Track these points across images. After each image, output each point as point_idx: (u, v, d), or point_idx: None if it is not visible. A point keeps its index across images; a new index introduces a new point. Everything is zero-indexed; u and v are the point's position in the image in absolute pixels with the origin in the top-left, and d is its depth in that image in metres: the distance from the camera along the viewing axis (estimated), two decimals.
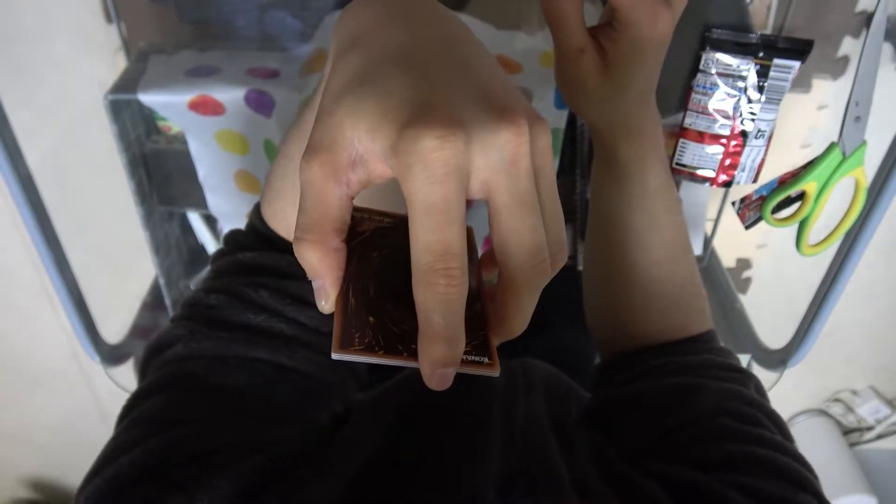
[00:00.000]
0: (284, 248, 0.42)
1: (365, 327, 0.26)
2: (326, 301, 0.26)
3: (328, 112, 0.24)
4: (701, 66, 0.58)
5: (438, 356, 0.24)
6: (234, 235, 0.45)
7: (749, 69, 0.56)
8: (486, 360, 0.27)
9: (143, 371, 0.40)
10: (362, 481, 0.34)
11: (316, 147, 0.24)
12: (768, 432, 0.41)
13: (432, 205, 0.22)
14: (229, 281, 0.40)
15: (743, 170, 0.60)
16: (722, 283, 0.86)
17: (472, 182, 0.23)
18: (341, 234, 0.25)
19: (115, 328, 0.77)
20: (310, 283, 0.41)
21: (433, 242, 0.22)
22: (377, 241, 0.30)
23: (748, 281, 1.32)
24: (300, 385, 0.38)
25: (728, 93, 0.57)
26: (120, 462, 0.31)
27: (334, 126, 0.24)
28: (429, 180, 0.22)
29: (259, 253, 0.41)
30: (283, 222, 0.42)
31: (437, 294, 0.22)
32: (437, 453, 0.38)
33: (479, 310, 0.28)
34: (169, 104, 0.64)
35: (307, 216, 0.24)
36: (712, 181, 0.60)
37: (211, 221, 0.83)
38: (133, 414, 0.35)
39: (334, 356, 0.25)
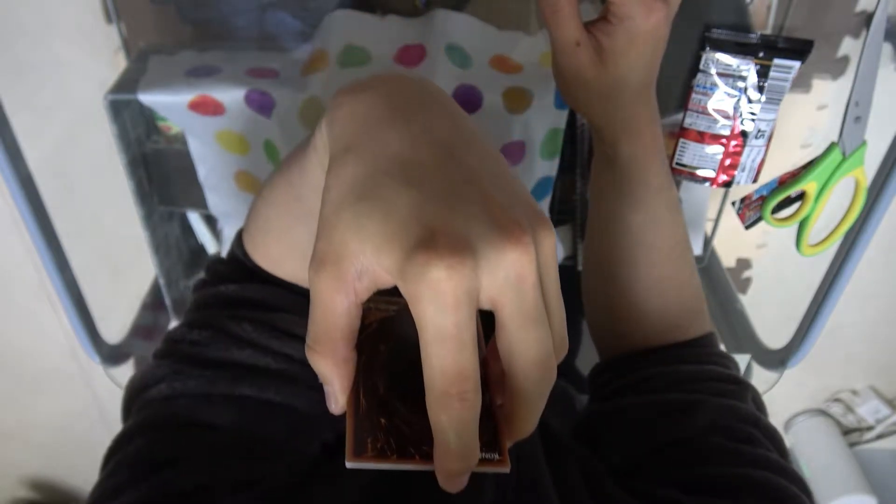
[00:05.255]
0: (267, 279, 0.42)
1: (376, 430, 0.26)
2: (336, 405, 0.26)
3: (331, 224, 0.24)
4: (701, 66, 0.58)
5: (454, 469, 0.24)
6: (215, 266, 0.45)
7: (749, 69, 0.56)
8: (496, 456, 0.27)
9: (126, 410, 0.40)
10: None
11: (322, 259, 0.24)
12: (763, 450, 0.41)
13: (444, 332, 0.22)
14: (212, 314, 0.40)
15: (743, 170, 0.60)
16: (722, 283, 0.86)
17: (480, 298, 0.23)
18: (351, 343, 0.26)
19: (115, 328, 0.77)
20: (295, 314, 0.40)
21: (447, 367, 0.22)
22: (384, 332, 0.30)
23: (748, 281, 1.32)
24: (288, 420, 0.38)
25: (728, 93, 0.57)
26: None
27: (338, 240, 0.24)
28: (439, 309, 0.22)
29: (241, 285, 0.41)
30: (266, 258, 0.42)
31: (452, 416, 0.23)
32: (429, 484, 0.38)
33: (489, 402, 0.28)
34: (169, 104, 0.64)
35: (317, 327, 0.25)
36: (712, 181, 0.60)
37: (211, 221, 0.83)
38: (117, 457, 0.35)
39: (349, 465, 0.25)
